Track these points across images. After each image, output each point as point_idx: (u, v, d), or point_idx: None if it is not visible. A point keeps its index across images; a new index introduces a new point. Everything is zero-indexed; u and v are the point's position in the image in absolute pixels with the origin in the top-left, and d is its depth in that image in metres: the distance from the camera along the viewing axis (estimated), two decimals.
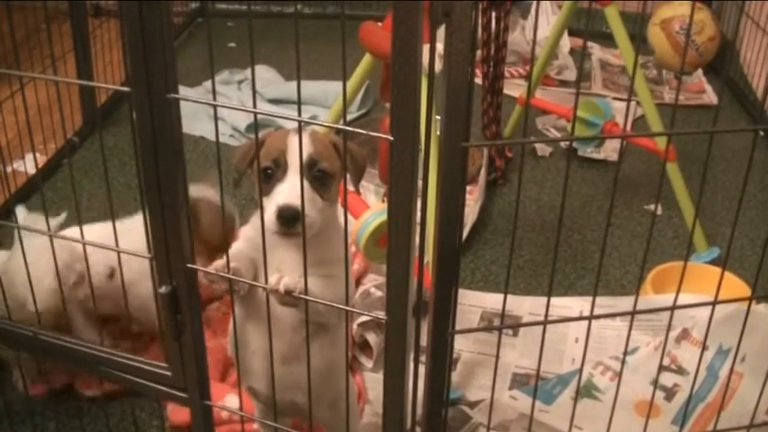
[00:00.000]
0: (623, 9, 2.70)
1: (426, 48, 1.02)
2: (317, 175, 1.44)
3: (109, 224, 1.42)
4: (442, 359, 1.23)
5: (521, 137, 3.28)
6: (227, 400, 1.99)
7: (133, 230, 1.47)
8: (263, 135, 1.49)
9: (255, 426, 1.93)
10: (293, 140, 1.42)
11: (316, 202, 1.44)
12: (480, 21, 2.82)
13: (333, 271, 1.46)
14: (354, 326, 2.17)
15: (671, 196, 2.68)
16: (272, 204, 1.40)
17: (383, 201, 2.43)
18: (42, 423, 2.00)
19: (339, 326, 1.53)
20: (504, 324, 2.25)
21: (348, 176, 1.53)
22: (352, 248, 2.05)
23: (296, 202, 1.37)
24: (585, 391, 2.11)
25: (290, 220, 1.38)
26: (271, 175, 1.43)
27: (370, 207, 2.03)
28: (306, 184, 1.41)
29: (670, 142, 2.50)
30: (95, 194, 2.91)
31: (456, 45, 1.00)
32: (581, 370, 2.05)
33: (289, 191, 1.40)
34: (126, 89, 1.16)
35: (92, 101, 3.30)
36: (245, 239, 1.54)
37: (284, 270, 1.36)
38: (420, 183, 1.09)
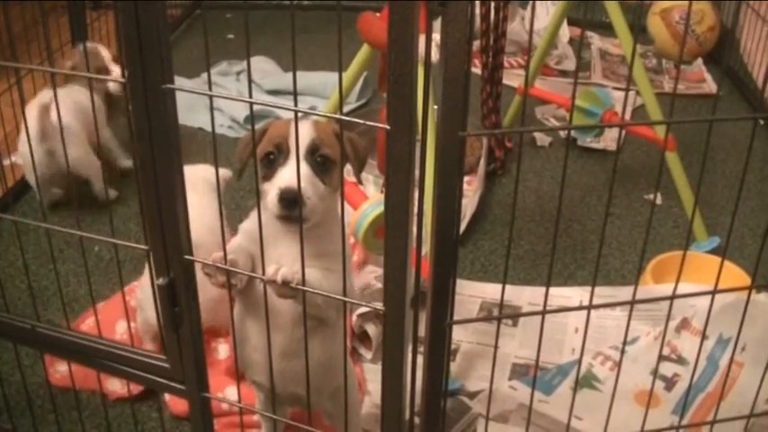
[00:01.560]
0: None
1: (423, 38, 1.01)
2: (318, 161, 1.45)
3: None
4: (440, 350, 1.23)
5: (520, 127, 3.28)
6: (227, 391, 1.99)
7: None
8: (266, 124, 1.49)
9: (256, 417, 1.94)
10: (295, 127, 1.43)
11: (318, 187, 1.44)
12: (479, 11, 2.82)
13: (332, 264, 1.46)
14: (354, 317, 2.17)
15: (671, 186, 2.67)
16: (273, 188, 1.40)
17: (382, 191, 2.43)
18: (41, 415, 2.00)
19: (338, 320, 1.52)
20: (502, 314, 2.25)
21: (349, 167, 1.54)
22: (351, 239, 2.05)
23: (297, 184, 1.38)
24: (585, 381, 2.11)
25: (291, 202, 1.38)
26: (273, 161, 1.44)
27: (368, 198, 2.03)
28: (308, 169, 1.42)
29: (669, 131, 2.50)
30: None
31: (453, 35, 1.00)
32: (580, 360, 2.04)
33: (290, 174, 1.40)
34: (122, 80, 1.15)
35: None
36: (243, 233, 1.53)
37: (283, 264, 1.36)
38: (418, 173, 1.09)
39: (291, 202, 1.38)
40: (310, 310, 1.38)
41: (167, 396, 2.02)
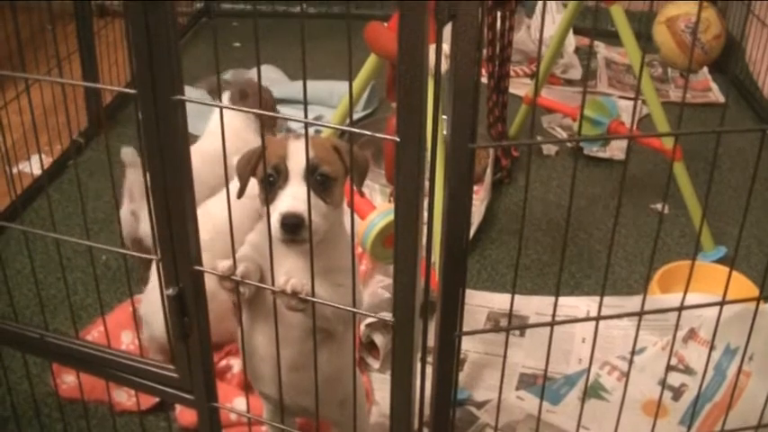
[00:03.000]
0: (629, 7, 2.69)
1: (432, 48, 1.02)
2: (318, 180, 1.43)
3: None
4: (449, 360, 1.23)
5: (526, 136, 3.28)
6: (236, 402, 1.98)
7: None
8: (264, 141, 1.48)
9: (264, 428, 1.93)
10: (292, 146, 1.42)
11: (319, 207, 1.43)
12: (486, 20, 2.82)
13: (340, 280, 1.45)
14: (362, 327, 2.17)
15: (677, 195, 2.67)
16: (275, 212, 1.39)
17: (390, 201, 2.43)
18: (49, 424, 2.00)
19: (346, 333, 1.52)
20: (511, 325, 2.24)
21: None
22: (359, 249, 2.05)
23: (299, 208, 1.36)
24: (593, 391, 2.11)
25: (294, 227, 1.37)
26: (273, 183, 1.42)
27: (375, 208, 2.03)
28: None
29: (677, 142, 2.50)
30: (101, 195, 2.92)
31: (462, 46, 1.00)
32: (588, 370, 2.05)
33: (291, 198, 1.39)
34: (132, 91, 1.15)
35: (97, 101, 3.30)
36: (250, 245, 1.53)
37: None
38: (427, 183, 1.09)
39: (294, 226, 1.38)
40: (319, 323, 1.37)
41: (177, 408, 2.02)
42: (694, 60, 3.10)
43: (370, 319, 2.17)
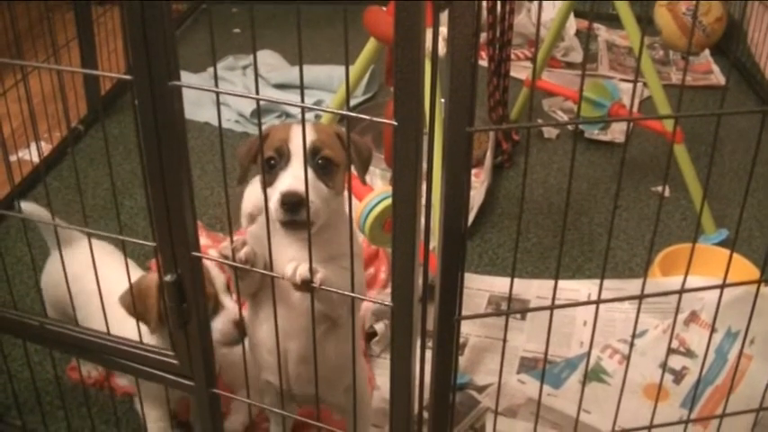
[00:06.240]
0: None
1: (429, 32, 1.01)
2: (320, 163, 1.43)
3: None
4: (449, 345, 1.23)
5: (527, 119, 3.27)
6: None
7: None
8: (266, 129, 1.47)
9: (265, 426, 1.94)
10: (295, 130, 1.41)
11: (320, 190, 1.42)
12: (486, 4, 2.81)
13: (346, 264, 1.45)
14: (368, 316, 2.17)
15: (678, 178, 2.66)
16: (275, 192, 1.38)
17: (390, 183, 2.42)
18: (51, 411, 2.00)
19: (349, 319, 1.52)
20: (511, 309, 2.25)
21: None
22: (360, 237, 2.04)
23: (299, 188, 1.35)
24: (593, 374, 2.11)
25: (293, 206, 1.36)
26: (274, 165, 1.42)
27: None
28: (310, 172, 1.40)
29: (677, 124, 2.49)
30: (100, 182, 2.91)
31: (459, 30, 0.99)
32: (589, 353, 2.05)
33: (292, 178, 1.38)
34: (128, 77, 1.15)
35: (96, 89, 3.29)
36: (251, 236, 1.52)
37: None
38: (425, 166, 1.09)
39: (294, 205, 1.36)
40: (324, 308, 1.37)
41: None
42: (695, 43, 3.09)
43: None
